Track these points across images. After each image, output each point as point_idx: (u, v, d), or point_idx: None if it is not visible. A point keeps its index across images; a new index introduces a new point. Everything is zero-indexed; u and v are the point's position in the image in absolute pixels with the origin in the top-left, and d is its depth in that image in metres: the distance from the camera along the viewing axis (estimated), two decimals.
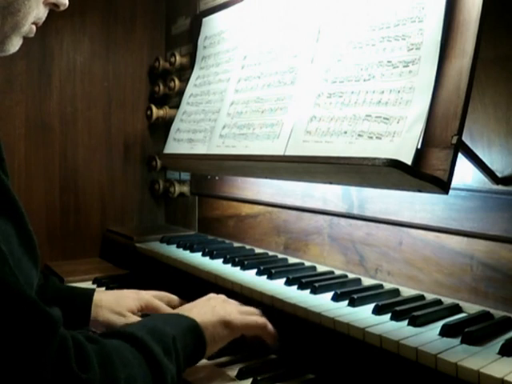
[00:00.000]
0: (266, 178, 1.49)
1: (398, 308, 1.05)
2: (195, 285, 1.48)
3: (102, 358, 0.80)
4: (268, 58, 1.47)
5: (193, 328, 1.01)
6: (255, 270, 1.39)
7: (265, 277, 1.34)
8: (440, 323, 0.98)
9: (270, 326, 1.14)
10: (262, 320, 1.14)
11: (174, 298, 1.39)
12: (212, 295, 1.19)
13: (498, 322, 1.00)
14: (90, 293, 1.27)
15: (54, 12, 0.98)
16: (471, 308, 1.08)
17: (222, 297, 1.19)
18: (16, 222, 0.81)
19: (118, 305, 1.25)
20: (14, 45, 0.94)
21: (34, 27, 0.96)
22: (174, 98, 2.07)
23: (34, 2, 0.90)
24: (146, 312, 1.31)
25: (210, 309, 1.10)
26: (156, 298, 1.33)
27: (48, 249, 2.04)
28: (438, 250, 1.17)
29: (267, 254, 1.62)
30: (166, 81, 2.07)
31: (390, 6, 1.13)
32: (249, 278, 1.35)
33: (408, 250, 1.24)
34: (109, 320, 1.22)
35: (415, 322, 0.99)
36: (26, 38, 0.96)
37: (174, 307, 1.38)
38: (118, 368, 0.81)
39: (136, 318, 1.24)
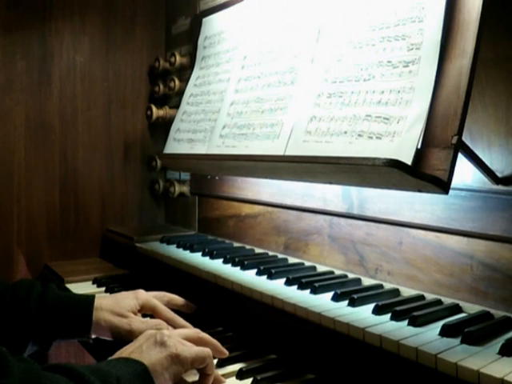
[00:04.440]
0: (266, 178, 1.49)
1: (397, 308, 1.05)
2: (195, 285, 1.48)
3: (28, 375, 0.75)
4: (268, 58, 1.47)
5: (141, 372, 0.91)
6: (255, 270, 1.39)
7: (265, 277, 1.34)
8: (440, 323, 0.98)
9: (211, 362, 1.03)
10: (207, 350, 1.03)
11: (176, 297, 1.39)
12: (149, 332, 1.06)
13: (498, 322, 1.00)
14: (90, 299, 1.25)
15: (54, 12, 0.97)
16: (471, 308, 1.08)
17: (160, 331, 1.05)
18: None
19: (118, 306, 1.24)
20: None
21: None
22: (174, 98, 2.07)
23: None
24: (144, 312, 1.30)
25: (153, 346, 0.98)
26: (155, 298, 1.32)
27: (48, 249, 2.04)
28: (438, 249, 1.17)
29: (267, 254, 1.62)
30: (166, 81, 2.08)
31: (389, 6, 1.13)
32: (249, 278, 1.35)
33: (408, 250, 1.24)
34: (111, 323, 1.21)
35: (415, 322, 0.99)
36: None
37: (176, 307, 1.38)
38: None
39: (138, 319, 1.24)
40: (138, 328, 1.20)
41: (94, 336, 1.24)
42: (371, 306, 1.09)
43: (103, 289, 1.67)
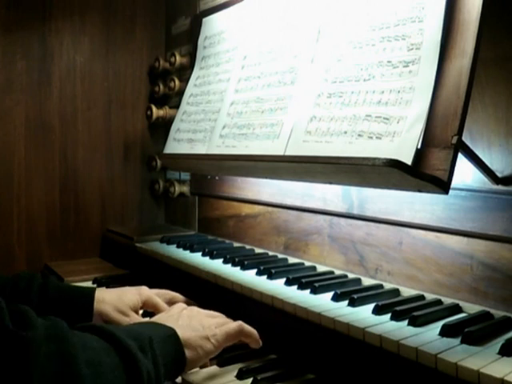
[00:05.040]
0: (266, 178, 1.49)
1: (397, 308, 1.05)
2: (195, 285, 1.48)
3: (53, 330, 0.74)
4: (268, 58, 1.47)
5: (172, 336, 0.95)
6: (255, 270, 1.39)
7: (265, 277, 1.34)
8: (440, 323, 0.98)
9: (247, 328, 1.11)
10: (238, 326, 1.10)
11: (178, 295, 1.38)
12: (183, 305, 1.11)
13: (498, 322, 1.00)
14: (91, 291, 1.25)
15: (54, 12, 0.97)
16: (471, 308, 1.08)
17: (195, 308, 1.14)
18: None
19: (120, 301, 1.24)
20: None
21: None
22: (174, 98, 2.07)
23: None
24: (145, 309, 1.30)
25: (188, 321, 1.04)
26: (157, 296, 1.32)
27: (48, 249, 2.04)
28: (438, 249, 1.17)
29: (267, 254, 1.62)
30: (166, 81, 2.08)
31: (389, 6, 1.13)
32: (249, 278, 1.35)
33: (408, 250, 1.24)
34: (112, 319, 1.21)
35: (415, 322, 0.99)
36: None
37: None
38: (75, 347, 0.74)
39: (139, 319, 1.24)
40: None
41: None
42: (371, 306, 1.09)
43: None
